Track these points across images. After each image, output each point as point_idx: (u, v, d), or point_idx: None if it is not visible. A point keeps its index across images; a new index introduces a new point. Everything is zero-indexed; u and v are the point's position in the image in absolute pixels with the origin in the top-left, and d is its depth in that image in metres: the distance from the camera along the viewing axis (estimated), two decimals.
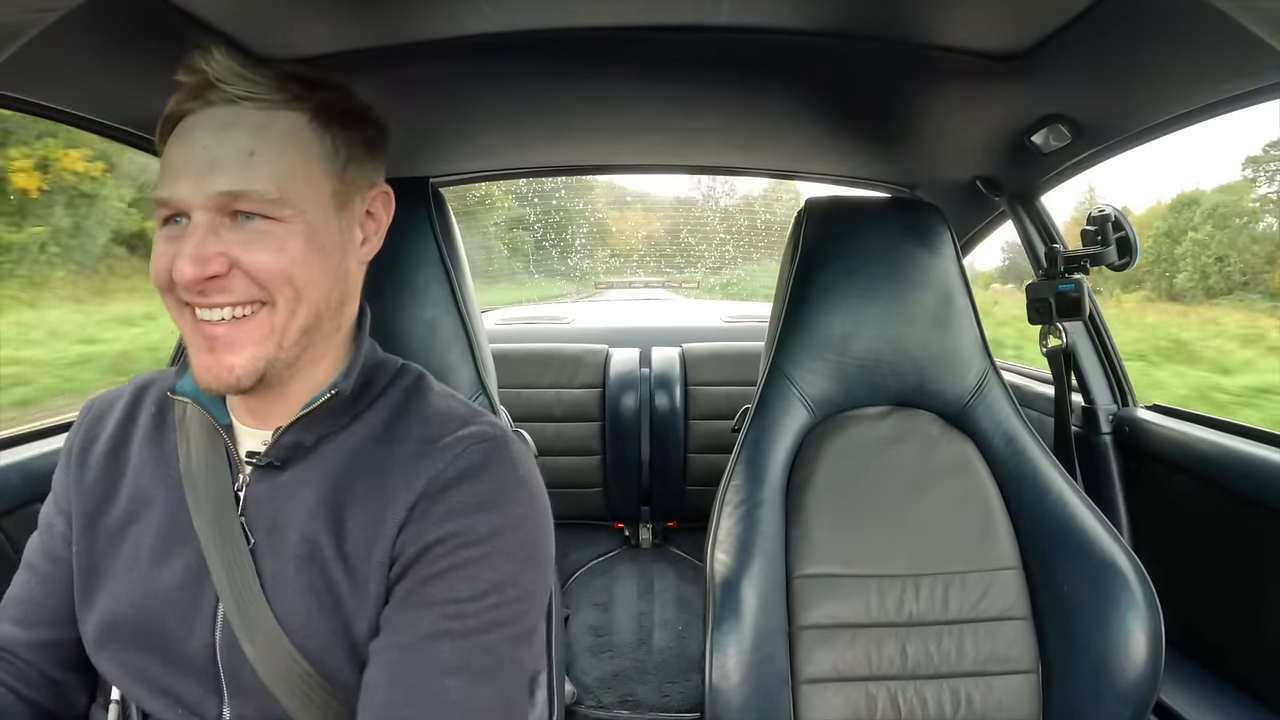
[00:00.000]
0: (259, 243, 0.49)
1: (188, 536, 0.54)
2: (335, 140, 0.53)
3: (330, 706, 0.52)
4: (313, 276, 0.51)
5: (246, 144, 0.49)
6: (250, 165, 0.48)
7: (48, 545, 0.60)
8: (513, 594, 0.51)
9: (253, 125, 0.49)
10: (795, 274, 0.99)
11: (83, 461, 0.59)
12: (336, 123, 0.53)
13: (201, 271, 0.47)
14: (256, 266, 0.48)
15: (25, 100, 0.78)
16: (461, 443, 0.54)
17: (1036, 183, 1.19)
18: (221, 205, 0.48)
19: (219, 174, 0.48)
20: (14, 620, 0.58)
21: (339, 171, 0.53)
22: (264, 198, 0.48)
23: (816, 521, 0.88)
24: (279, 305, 0.50)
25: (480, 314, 0.96)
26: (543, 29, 0.79)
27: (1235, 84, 0.77)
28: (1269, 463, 0.95)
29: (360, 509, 0.53)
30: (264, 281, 0.49)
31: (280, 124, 0.50)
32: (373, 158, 0.58)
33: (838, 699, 0.82)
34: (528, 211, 3.72)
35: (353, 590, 0.51)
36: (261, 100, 0.50)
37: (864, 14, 0.77)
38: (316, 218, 0.51)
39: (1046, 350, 1.16)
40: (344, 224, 0.54)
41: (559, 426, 1.97)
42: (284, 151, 0.50)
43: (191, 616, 0.53)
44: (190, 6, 0.68)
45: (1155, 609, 0.77)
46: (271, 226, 0.49)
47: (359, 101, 0.57)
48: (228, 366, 0.50)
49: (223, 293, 0.49)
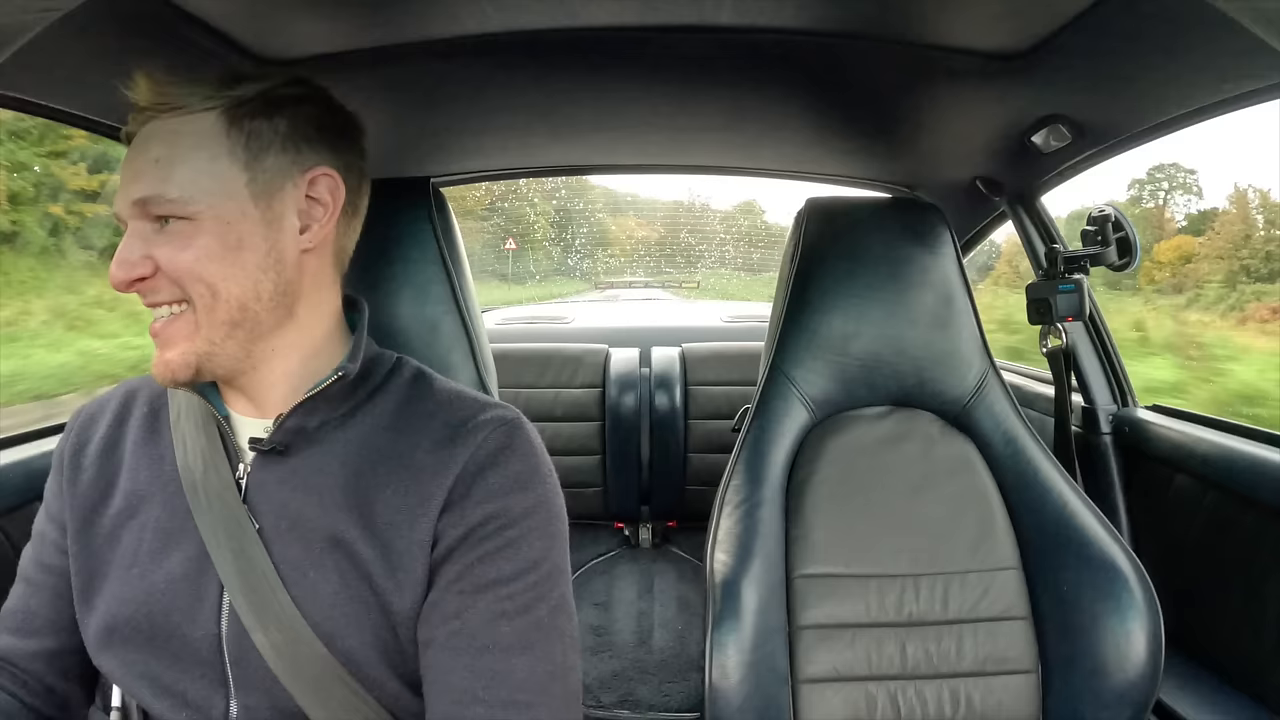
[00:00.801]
0: (171, 243, 0.51)
1: (188, 529, 0.54)
2: (248, 132, 0.53)
3: (340, 696, 0.52)
4: (227, 271, 0.52)
5: (155, 152, 0.51)
6: (157, 171, 0.51)
7: (41, 555, 0.60)
8: (547, 568, 0.54)
9: (165, 133, 0.52)
10: (795, 274, 0.99)
11: (76, 465, 0.59)
12: (249, 115, 0.53)
13: (126, 275, 0.50)
14: (169, 265, 0.51)
15: (25, 100, 0.78)
16: (487, 425, 0.56)
17: (1036, 183, 1.19)
18: (140, 212, 0.51)
19: (135, 184, 0.51)
20: (12, 630, 0.59)
21: (252, 161, 0.53)
22: (167, 199, 0.50)
23: (816, 521, 0.88)
24: (196, 303, 0.52)
25: (481, 314, 0.96)
26: (543, 29, 0.79)
27: (1235, 84, 0.77)
28: (1269, 463, 0.95)
29: (390, 490, 0.54)
30: (178, 279, 0.51)
31: (190, 126, 0.52)
32: (306, 142, 0.55)
33: (837, 699, 0.82)
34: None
35: (388, 569, 0.52)
36: (173, 109, 0.52)
37: (864, 14, 0.77)
38: (228, 211, 0.52)
39: (1046, 350, 1.16)
40: (269, 214, 0.54)
41: (559, 426, 1.97)
42: (190, 152, 0.51)
43: (194, 609, 0.53)
44: (190, 6, 0.68)
45: (1155, 609, 0.77)
46: (182, 226, 0.51)
47: (290, 89, 0.56)
48: (165, 361, 0.52)
49: (153, 293, 0.52)
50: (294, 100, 0.56)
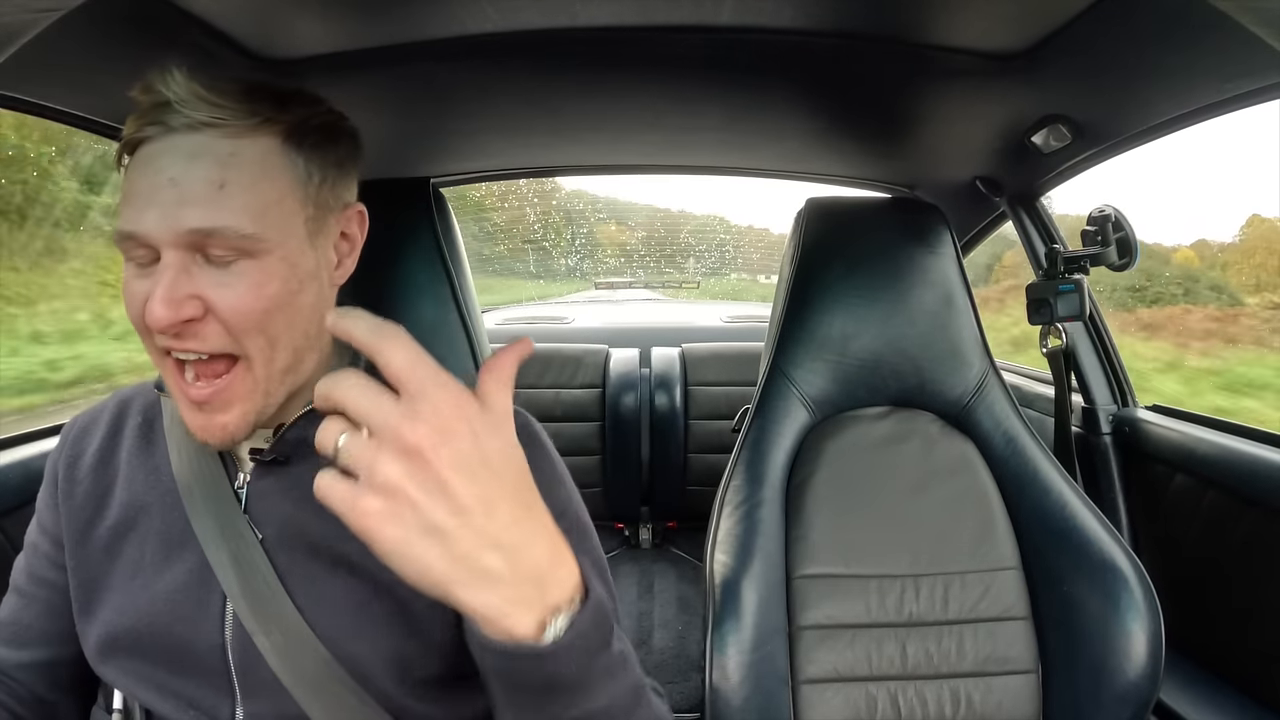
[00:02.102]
0: (233, 285, 0.46)
1: (188, 539, 0.54)
2: (309, 163, 0.50)
3: (346, 702, 0.51)
4: (290, 319, 0.49)
5: (216, 175, 0.45)
6: (221, 199, 0.45)
7: (33, 567, 0.60)
8: (586, 561, 0.53)
9: (221, 153, 0.46)
10: (795, 274, 0.99)
11: (70, 477, 0.58)
12: (310, 143, 0.50)
13: (175, 316, 0.44)
14: (230, 311, 0.46)
15: (25, 100, 0.78)
16: None
17: (1036, 183, 1.19)
18: (194, 243, 0.45)
19: (188, 209, 0.44)
20: (5, 641, 0.58)
21: (313, 196, 0.50)
22: (238, 233, 0.45)
23: (816, 522, 0.88)
24: (254, 357, 0.48)
25: (480, 314, 0.96)
26: (543, 29, 0.79)
27: (1235, 84, 0.77)
28: (1269, 463, 0.95)
29: None
30: (237, 330, 0.46)
31: (250, 150, 0.47)
32: (346, 176, 0.54)
33: (838, 699, 0.82)
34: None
35: (398, 576, 0.51)
36: (229, 125, 0.46)
37: (864, 14, 0.77)
38: (293, 250, 0.48)
39: (1046, 350, 1.16)
40: (319, 252, 0.51)
41: (559, 426, 1.97)
42: (256, 181, 0.46)
43: (197, 618, 0.53)
44: (190, 6, 0.68)
45: (1155, 609, 0.77)
46: (247, 266, 0.46)
47: (333, 115, 0.54)
48: (220, 425, 0.49)
49: (196, 339, 0.46)
50: (336, 129, 0.53)
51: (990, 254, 3.36)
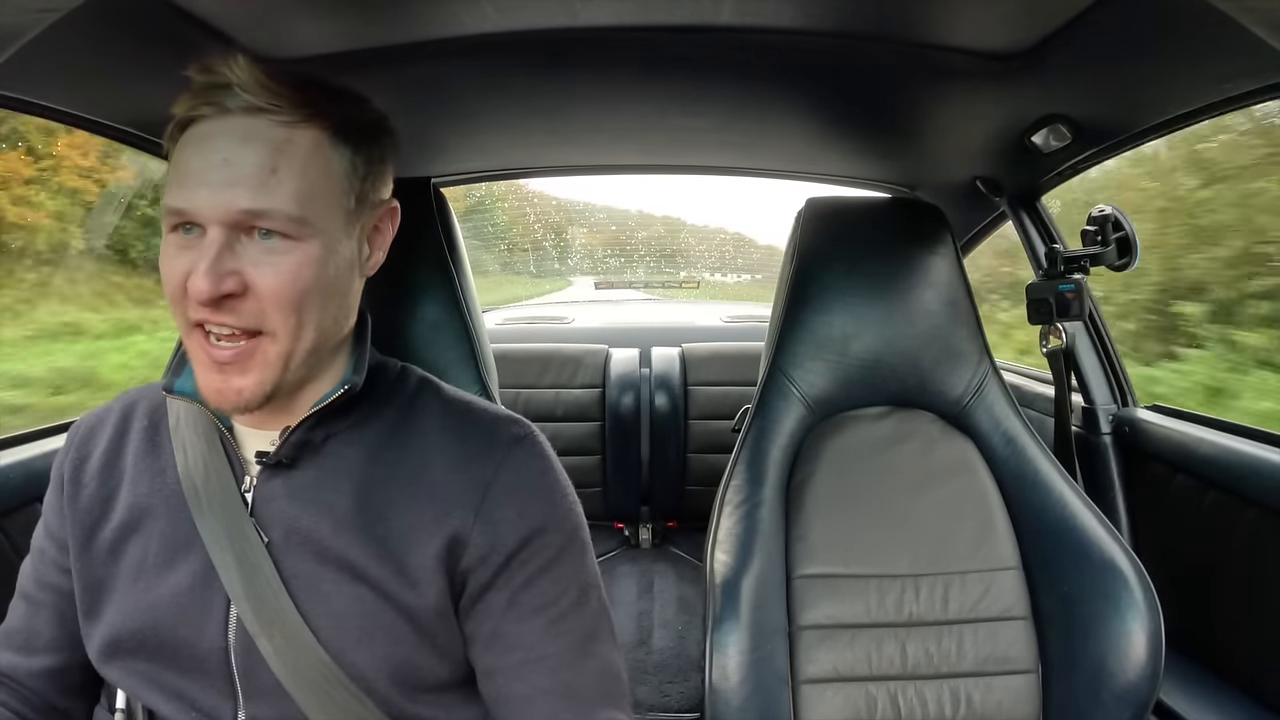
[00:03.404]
0: (274, 265, 0.48)
1: (192, 541, 0.54)
2: (355, 157, 0.52)
3: (348, 706, 0.51)
4: (323, 303, 0.50)
5: (269, 159, 0.47)
6: (272, 183, 0.47)
7: (40, 571, 0.60)
8: (585, 577, 0.56)
9: (274, 139, 0.48)
10: (795, 274, 0.99)
11: (76, 480, 0.58)
12: (356, 138, 0.52)
13: (217, 289, 0.46)
14: (268, 290, 0.48)
15: (25, 100, 0.78)
16: (505, 441, 0.56)
17: (1037, 183, 1.19)
18: (240, 222, 0.47)
19: (240, 190, 0.46)
20: (15, 649, 0.59)
21: (355, 189, 0.52)
22: (286, 216, 0.47)
23: (816, 522, 0.88)
24: (279, 335, 0.49)
25: (481, 314, 0.96)
26: (543, 29, 0.79)
27: (1235, 84, 0.77)
28: (1269, 463, 0.95)
29: (402, 506, 0.53)
30: (272, 308, 0.48)
31: (302, 139, 0.49)
32: (384, 173, 0.57)
33: (838, 699, 0.82)
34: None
35: (405, 585, 0.52)
36: (283, 113, 0.48)
37: (864, 14, 0.77)
38: (332, 240, 0.50)
39: (1046, 350, 1.16)
40: (355, 242, 0.54)
41: (559, 426, 1.97)
42: (306, 169, 0.48)
43: (200, 620, 0.53)
44: (190, 6, 0.68)
45: (1155, 609, 0.77)
46: (289, 247, 0.48)
47: (377, 113, 0.56)
48: (236, 389, 0.50)
49: (233, 314, 0.48)
50: (380, 126, 0.56)
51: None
